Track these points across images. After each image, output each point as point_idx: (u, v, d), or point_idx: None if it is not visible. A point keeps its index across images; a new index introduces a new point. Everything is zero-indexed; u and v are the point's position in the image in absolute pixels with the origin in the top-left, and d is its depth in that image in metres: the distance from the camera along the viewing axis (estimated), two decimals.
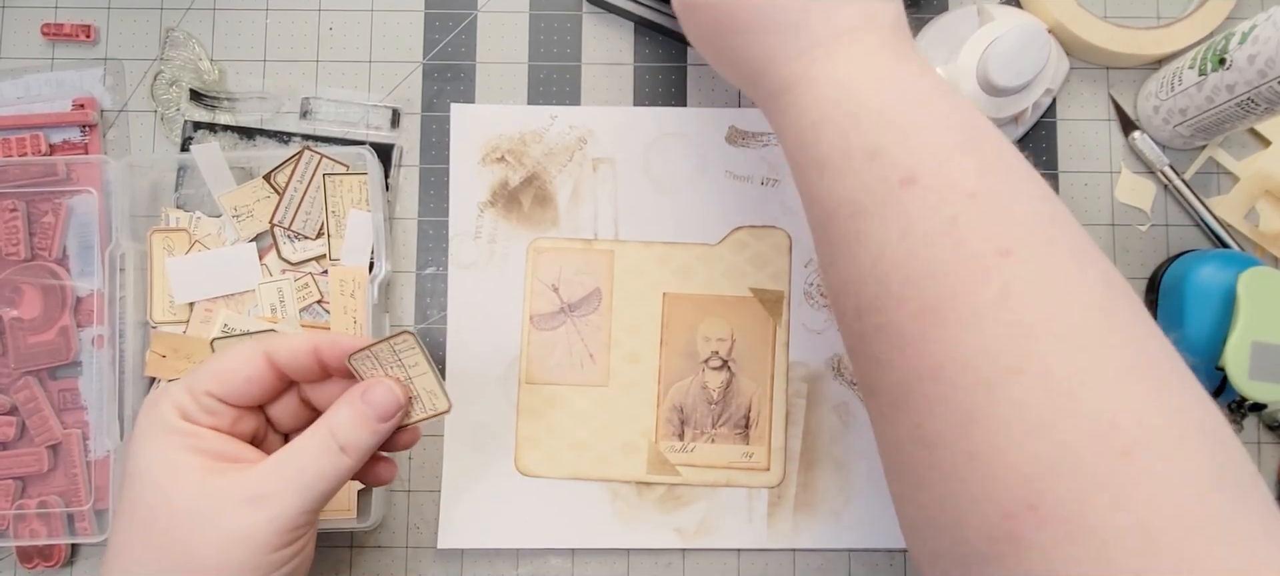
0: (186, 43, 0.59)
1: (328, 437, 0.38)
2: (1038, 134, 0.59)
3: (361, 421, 0.38)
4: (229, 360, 0.38)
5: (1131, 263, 0.58)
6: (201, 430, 0.37)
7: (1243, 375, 0.50)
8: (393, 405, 0.39)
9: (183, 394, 0.38)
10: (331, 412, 0.38)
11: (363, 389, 0.39)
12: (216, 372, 0.38)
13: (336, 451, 0.37)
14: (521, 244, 0.58)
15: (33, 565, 0.56)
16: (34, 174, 0.56)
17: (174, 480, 0.36)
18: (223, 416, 0.38)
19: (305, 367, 0.39)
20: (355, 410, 0.38)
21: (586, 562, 0.56)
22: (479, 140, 0.58)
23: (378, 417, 0.38)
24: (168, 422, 0.37)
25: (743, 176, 0.58)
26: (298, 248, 0.57)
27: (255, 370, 0.38)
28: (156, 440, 0.37)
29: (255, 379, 0.38)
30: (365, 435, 0.38)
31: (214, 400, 0.38)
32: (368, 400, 0.38)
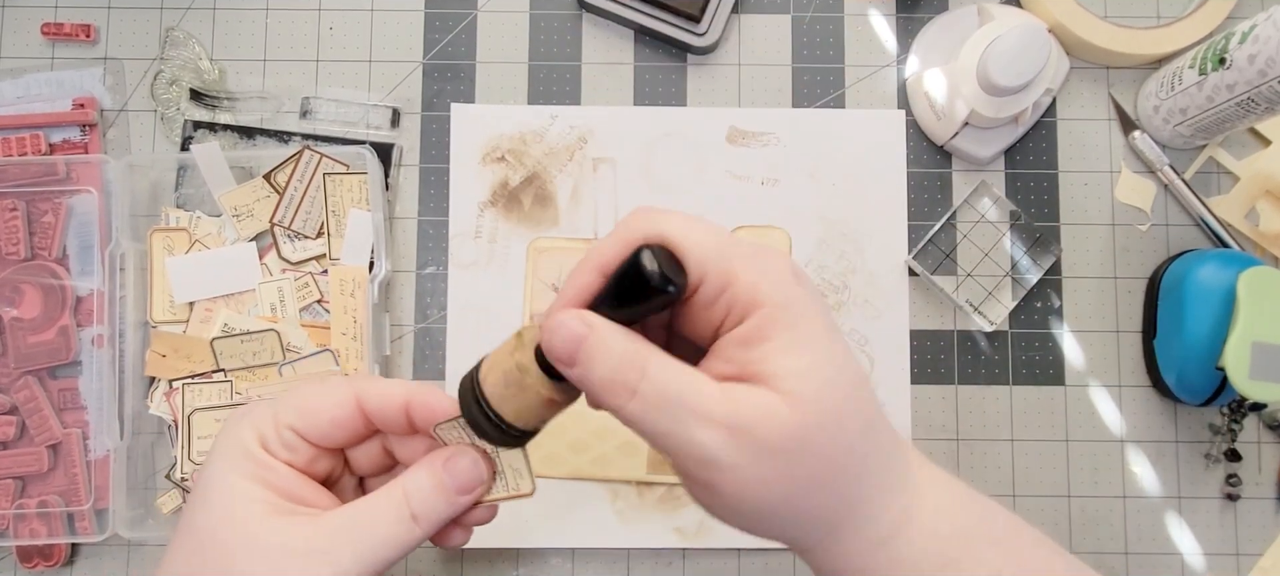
0: (186, 42, 0.59)
1: (401, 503, 0.35)
2: (1038, 133, 0.59)
3: (440, 491, 0.35)
4: (318, 398, 0.36)
5: (1131, 262, 0.58)
6: (277, 464, 0.35)
7: (1243, 375, 0.50)
8: (475, 480, 0.36)
9: (266, 421, 0.36)
10: (409, 475, 0.35)
11: (446, 456, 0.36)
12: (303, 409, 0.36)
13: (408, 519, 0.35)
14: (522, 243, 0.58)
15: (32, 564, 0.56)
16: (34, 173, 0.56)
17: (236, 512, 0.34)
18: (301, 453, 0.36)
19: (394, 421, 0.36)
20: (435, 478, 0.35)
21: (586, 562, 0.56)
22: (479, 140, 0.58)
23: (458, 490, 0.35)
24: (244, 447, 0.35)
25: (743, 176, 0.58)
26: (298, 247, 0.57)
27: (343, 413, 0.36)
28: (230, 464, 0.35)
29: (342, 422, 0.36)
30: (441, 506, 0.35)
31: (295, 436, 0.35)
32: (450, 470, 0.35)
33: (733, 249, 0.31)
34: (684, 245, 0.30)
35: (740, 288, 0.30)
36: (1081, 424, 0.57)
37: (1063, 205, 0.58)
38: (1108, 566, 0.56)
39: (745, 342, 0.31)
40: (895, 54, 0.59)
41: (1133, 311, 0.58)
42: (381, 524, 0.34)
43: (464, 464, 0.36)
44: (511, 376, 0.32)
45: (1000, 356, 0.58)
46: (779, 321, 0.31)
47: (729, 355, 0.32)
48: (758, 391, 0.30)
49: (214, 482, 0.35)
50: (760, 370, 0.31)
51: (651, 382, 0.30)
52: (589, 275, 0.32)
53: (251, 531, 0.34)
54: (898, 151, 0.58)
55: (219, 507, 0.34)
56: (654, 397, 0.30)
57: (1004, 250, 0.58)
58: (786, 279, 0.31)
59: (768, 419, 0.30)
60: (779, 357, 0.30)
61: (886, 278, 0.58)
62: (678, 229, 0.31)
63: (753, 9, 0.60)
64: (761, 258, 0.31)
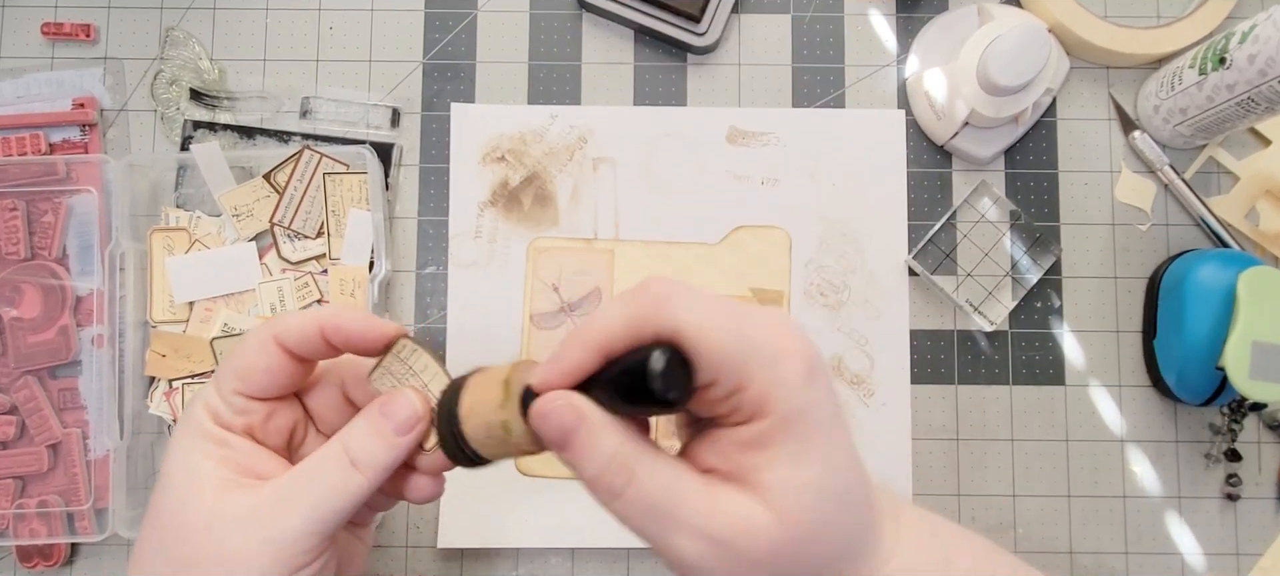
0: (186, 42, 0.59)
1: (340, 453, 0.35)
2: (1038, 133, 0.59)
3: (377, 435, 0.35)
4: (245, 352, 0.36)
5: (1131, 262, 0.58)
6: (233, 437, 0.35)
7: (1243, 375, 0.50)
8: (412, 416, 0.35)
9: (212, 394, 0.36)
10: (348, 426, 0.36)
11: (381, 402, 0.36)
12: (238, 369, 0.36)
13: (347, 466, 0.34)
14: (522, 243, 0.58)
15: (32, 564, 0.56)
16: (34, 173, 0.56)
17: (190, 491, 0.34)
18: (255, 413, 0.36)
19: (315, 348, 0.36)
20: (371, 423, 0.35)
21: (586, 562, 0.56)
22: (479, 140, 0.58)
23: (396, 430, 0.35)
24: (200, 426, 0.35)
25: (743, 176, 0.58)
26: (298, 247, 0.57)
27: (271, 358, 0.35)
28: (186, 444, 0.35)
29: (273, 368, 0.36)
30: (381, 449, 0.35)
31: (241, 398, 0.36)
32: (385, 412, 0.35)
33: (749, 349, 0.29)
34: (698, 347, 0.29)
35: (751, 393, 0.30)
36: (1081, 424, 0.57)
37: (1063, 205, 0.58)
38: (1108, 566, 0.56)
39: (745, 447, 0.30)
40: (895, 54, 0.59)
41: (1133, 311, 0.58)
42: (323, 477, 0.34)
43: (399, 404, 0.35)
44: (495, 431, 0.32)
45: (1000, 356, 0.57)
46: (785, 433, 0.30)
47: (725, 452, 0.31)
48: (745, 501, 0.30)
49: (174, 466, 0.35)
50: (755, 478, 0.30)
51: (638, 488, 0.30)
52: (588, 354, 0.31)
53: (210, 506, 0.34)
54: (898, 151, 0.58)
55: (180, 488, 0.35)
56: (639, 503, 0.31)
57: (1004, 250, 0.58)
58: (799, 385, 0.30)
59: (751, 534, 0.30)
60: (777, 468, 0.30)
61: (886, 277, 0.58)
62: (693, 326, 0.29)
63: (753, 9, 0.60)
64: (777, 362, 0.30)
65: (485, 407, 0.33)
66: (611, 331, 0.30)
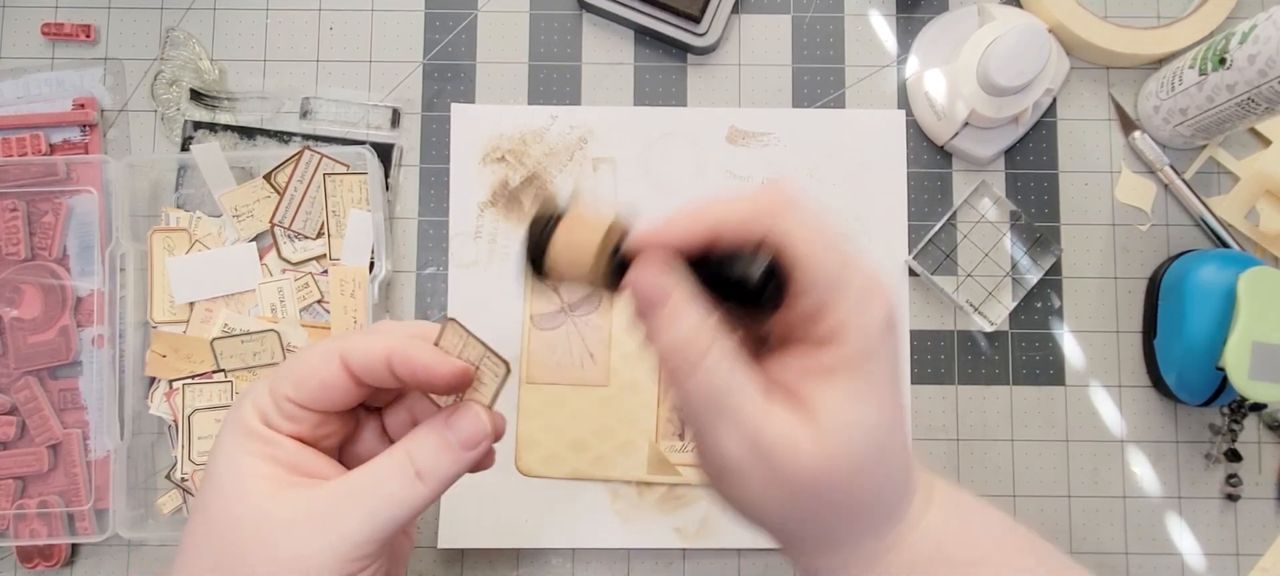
0: (187, 42, 0.59)
1: (405, 463, 0.34)
2: (1038, 133, 0.59)
3: (444, 448, 0.35)
4: (305, 363, 0.35)
5: (1132, 262, 0.58)
6: (281, 438, 0.35)
7: (1243, 375, 0.50)
8: (479, 433, 0.35)
9: (264, 396, 0.35)
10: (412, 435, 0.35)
11: (448, 415, 0.35)
12: (295, 377, 0.35)
13: (412, 477, 0.34)
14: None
15: (33, 564, 0.56)
16: (34, 173, 0.56)
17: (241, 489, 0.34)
18: (304, 421, 0.35)
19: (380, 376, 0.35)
20: (438, 436, 0.35)
21: (587, 562, 0.56)
22: (479, 140, 0.58)
23: (462, 445, 0.35)
24: (247, 426, 0.35)
25: (743, 176, 0.58)
26: (298, 247, 0.57)
27: (330, 374, 0.35)
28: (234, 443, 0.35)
29: (332, 384, 0.35)
30: (446, 462, 0.35)
31: (294, 406, 0.35)
32: (452, 426, 0.35)
33: (846, 277, 0.31)
34: (802, 260, 0.30)
35: (833, 321, 0.30)
36: (1082, 424, 0.57)
37: (1063, 205, 0.58)
38: (1108, 566, 0.56)
39: (810, 372, 0.31)
40: (895, 54, 0.59)
41: (1133, 311, 0.58)
42: (387, 485, 0.34)
43: (465, 420, 0.35)
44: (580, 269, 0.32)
45: (1000, 356, 0.58)
46: (852, 369, 0.31)
47: (790, 372, 0.32)
48: (795, 420, 0.31)
49: (221, 463, 0.35)
50: (812, 403, 0.31)
51: (705, 373, 0.31)
52: (698, 230, 0.31)
53: (260, 505, 0.33)
54: (898, 151, 0.58)
55: (228, 486, 0.34)
56: (701, 389, 0.31)
57: (1004, 250, 0.58)
58: (878, 329, 0.31)
59: (792, 451, 0.30)
60: (834, 399, 0.31)
61: (887, 278, 0.57)
62: (803, 240, 0.30)
63: (753, 9, 0.60)
64: (866, 299, 0.31)
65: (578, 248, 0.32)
66: (727, 217, 0.31)
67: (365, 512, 0.33)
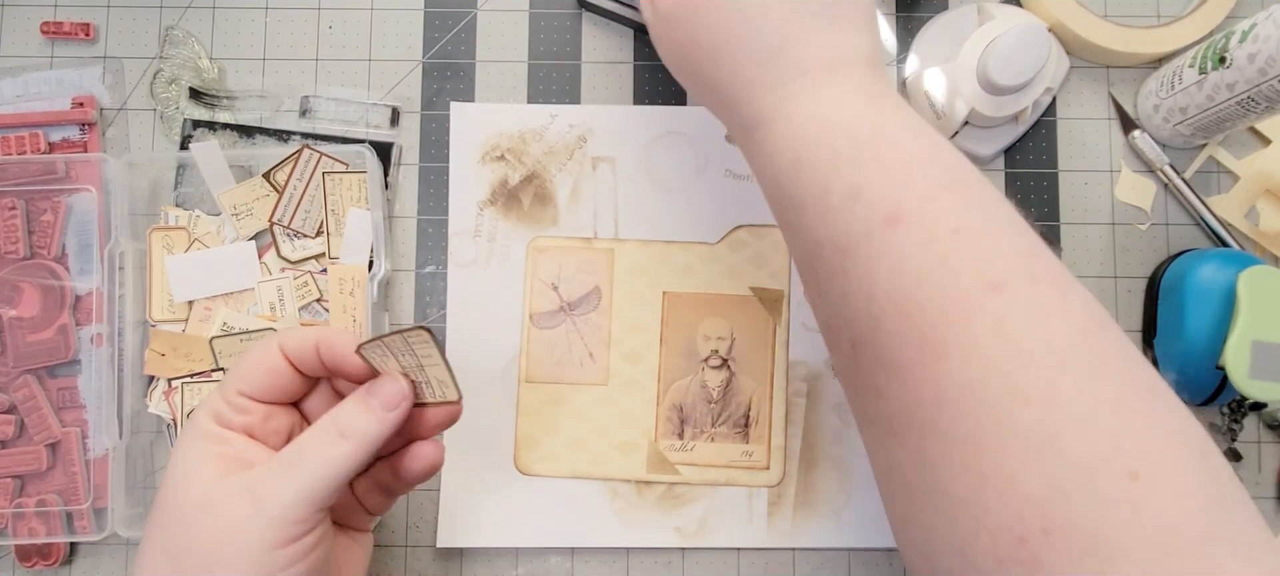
0: (186, 41, 0.58)
1: (329, 425, 0.38)
2: (1038, 133, 0.59)
3: (366, 409, 0.38)
4: (253, 356, 0.40)
5: (1131, 262, 0.58)
6: (231, 435, 0.39)
7: (1243, 374, 0.50)
8: (397, 394, 0.39)
9: (216, 397, 0.39)
10: (339, 405, 0.39)
11: (368, 386, 0.39)
12: (242, 372, 0.39)
13: (336, 437, 0.37)
14: (521, 242, 0.58)
15: (31, 564, 0.56)
16: (33, 172, 0.56)
17: (190, 479, 0.37)
18: (253, 414, 0.39)
19: (310, 361, 0.40)
20: (360, 401, 0.39)
21: (586, 562, 0.56)
22: (479, 138, 0.58)
23: (383, 405, 0.38)
24: (202, 428, 0.38)
25: (743, 175, 0.58)
26: (297, 246, 0.57)
27: (274, 361, 0.39)
28: (189, 445, 0.38)
29: (275, 370, 0.39)
30: (369, 421, 0.38)
31: (243, 398, 0.39)
32: (372, 391, 0.39)
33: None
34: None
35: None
36: None
37: (1063, 204, 0.58)
38: None
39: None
40: (895, 53, 0.59)
41: (1133, 311, 0.58)
42: (313, 448, 0.37)
43: (385, 384, 0.39)
44: None
45: None
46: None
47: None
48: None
49: (175, 462, 0.38)
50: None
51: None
52: None
53: (204, 490, 0.37)
54: None
55: (178, 479, 0.37)
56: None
57: None
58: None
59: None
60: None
61: None
62: None
63: None
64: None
65: None
66: None
67: (297, 479, 0.36)
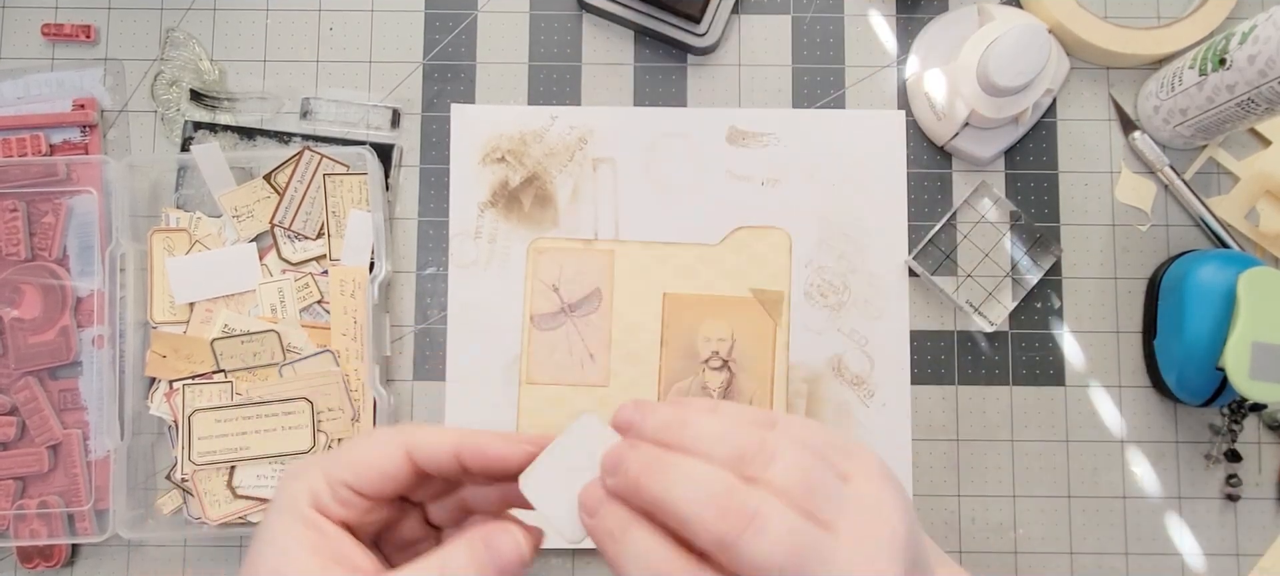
0: (187, 43, 0.59)
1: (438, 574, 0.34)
2: (1038, 134, 0.59)
3: (476, 567, 0.35)
4: (368, 451, 0.36)
5: (1131, 263, 0.58)
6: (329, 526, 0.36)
7: (1243, 375, 0.50)
8: (515, 559, 0.35)
9: (319, 479, 0.36)
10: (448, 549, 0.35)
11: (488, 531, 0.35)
12: (354, 464, 0.36)
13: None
14: (522, 244, 0.58)
15: (33, 565, 0.56)
16: (34, 174, 0.56)
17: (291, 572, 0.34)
18: (356, 507, 0.36)
19: (446, 468, 0.36)
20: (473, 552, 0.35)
21: (586, 562, 0.56)
22: (479, 140, 0.58)
23: (496, 568, 0.35)
24: (298, 511, 0.36)
25: (743, 176, 0.58)
26: (298, 247, 0.57)
27: (392, 465, 0.36)
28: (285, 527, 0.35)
29: (392, 475, 0.36)
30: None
31: (349, 492, 0.36)
32: (490, 547, 0.35)
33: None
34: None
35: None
36: (1081, 424, 0.57)
37: (1063, 205, 0.58)
38: (1108, 566, 0.56)
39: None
40: (895, 54, 0.59)
41: (1133, 311, 0.58)
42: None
43: (505, 542, 0.35)
44: None
45: (1000, 357, 0.57)
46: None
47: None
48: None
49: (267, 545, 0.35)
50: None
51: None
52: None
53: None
54: (898, 152, 0.58)
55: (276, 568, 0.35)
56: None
57: (1004, 250, 0.58)
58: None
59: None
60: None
61: (887, 278, 0.58)
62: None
63: (753, 9, 0.60)
64: None
65: None
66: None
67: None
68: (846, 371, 0.57)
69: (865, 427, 0.57)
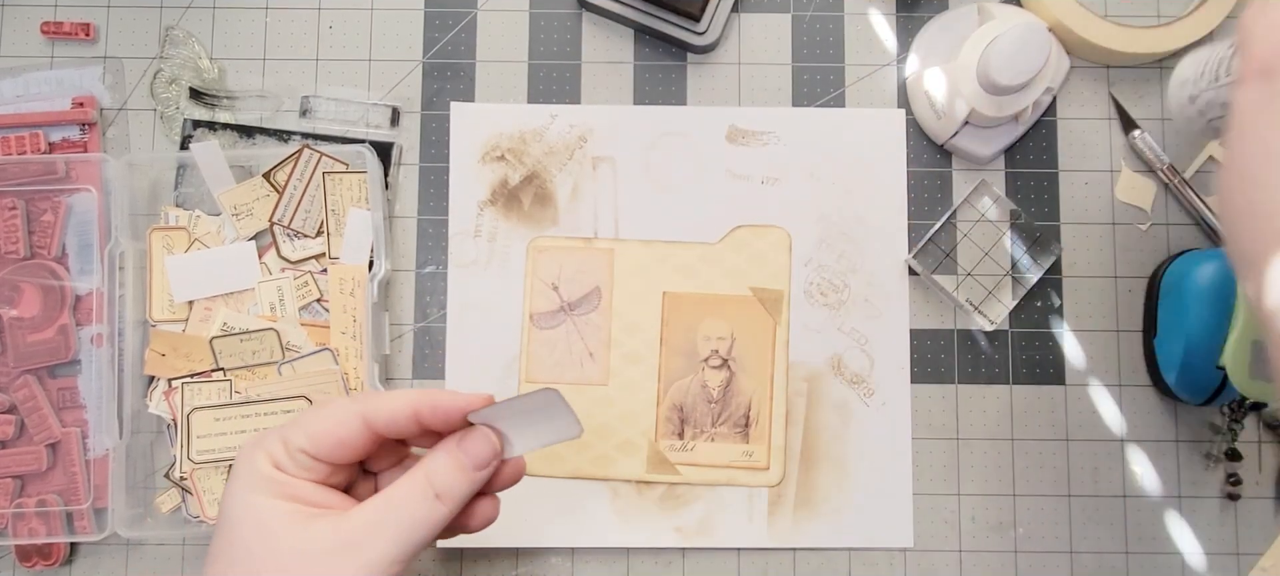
0: (186, 41, 0.58)
1: (424, 486, 0.37)
2: (1038, 132, 0.59)
3: (459, 470, 0.38)
4: (324, 420, 0.38)
5: (1132, 262, 0.58)
6: (293, 480, 0.37)
7: (1243, 374, 0.50)
8: (489, 454, 0.39)
9: (277, 445, 0.38)
10: (429, 459, 0.38)
11: (460, 436, 0.39)
12: (311, 432, 0.38)
13: (432, 499, 0.37)
14: (521, 242, 0.58)
15: (31, 563, 0.56)
16: (33, 172, 0.56)
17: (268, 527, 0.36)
18: (316, 471, 0.38)
19: (406, 430, 0.39)
20: (453, 459, 0.38)
21: (586, 562, 0.56)
22: (479, 138, 0.58)
23: (474, 466, 0.38)
24: (260, 471, 0.37)
25: (742, 175, 0.58)
26: (297, 246, 0.57)
27: (350, 432, 0.38)
28: (250, 488, 0.37)
29: (348, 441, 0.38)
30: (462, 482, 0.38)
31: (306, 457, 0.38)
32: (465, 449, 0.38)
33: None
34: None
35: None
36: (1082, 423, 0.57)
37: (1063, 204, 0.58)
38: (1108, 566, 0.56)
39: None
40: (895, 53, 0.59)
41: (1133, 310, 0.58)
42: (408, 508, 0.37)
43: (477, 441, 0.38)
44: None
45: (1000, 356, 0.57)
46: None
47: None
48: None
49: (236, 507, 0.37)
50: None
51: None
52: None
53: (286, 540, 0.36)
54: (898, 150, 0.58)
55: (247, 527, 0.36)
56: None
57: (1004, 249, 0.58)
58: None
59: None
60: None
61: (886, 277, 0.58)
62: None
63: (753, 8, 0.60)
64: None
65: None
66: None
67: (392, 535, 0.36)
68: (846, 370, 0.57)
69: (865, 426, 0.57)
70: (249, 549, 0.36)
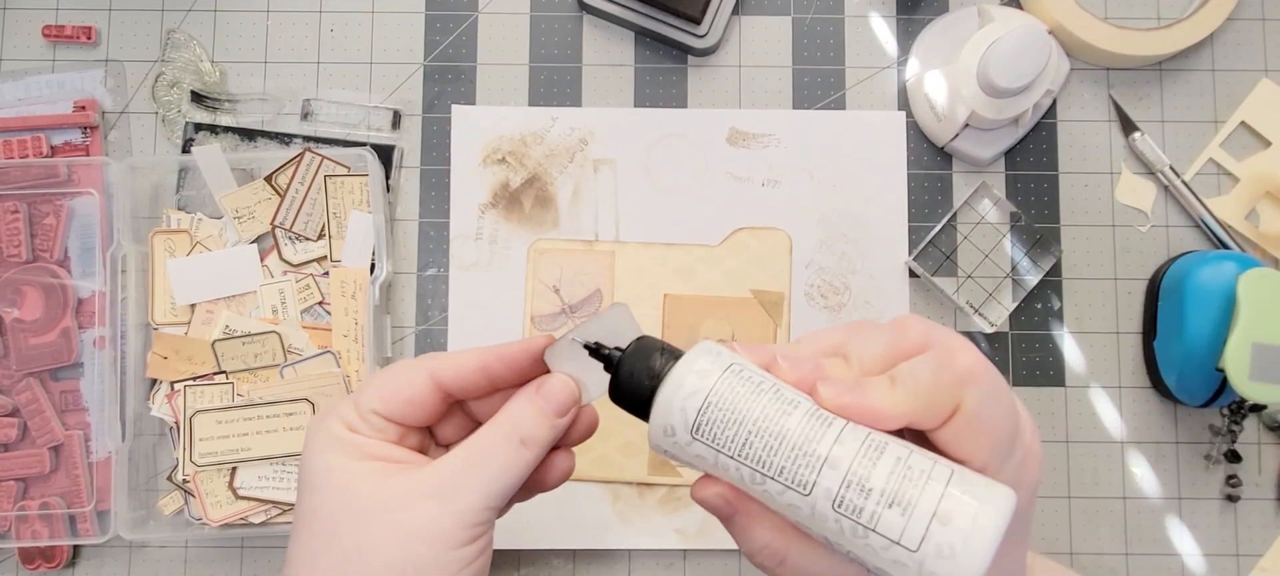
0: (187, 44, 0.59)
1: (509, 429, 0.37)
2: (1038, 135, 0.59)
3: (542, 416, 0.37)
4: (392, 380, 0.38)
5: (1132, 264, 0.58)
6: (369, 439, 0.37)
7: (1243, 376, 0.50)
8: (569, 398, 0.38)
9: (349, 409, 0.38)
10: (511, 406, 0.38)
11: (538, 383, 0.38)
12: (381, 393, 0.38)
13: (517, 444, 0.37)
14: (522, 245, 0.58)
15: (35, 566, 0.56)
16: (35, 176, 0.56)
17: (352, 482, 0.36)
18: (389, 433, 0.38)
19: (475, 386, 0.39)
20: (535, 405, 0.38)
21: (588, 564, 0.56)
22: (480, 141, 0.58)
23: (556, 411, 0.38)
24: (336, 435, 0.37)
25: (743, 177, 0.58)
26: (299, 249, 0.57)
27: (417, 391, 0.38)
28: (328, 451, 0.37)
29: (418, 399, 0.38)
30: (545, 428, 0.37)
31: (380, 419, 0.38)
32: (545, 395, 0.38)
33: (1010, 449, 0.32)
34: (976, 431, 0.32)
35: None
36: (1082, 425, 0.57)
37: (1063, 206, 0.58)
38: (1108, 567, 0.56)
39: None
40: (895, 56, 0.59)
41: (1133, 313, 0.58)
42: (496, 453, 0.37)
43: (556, 386, 0.38)
44: None
45: (1000, 358, 0.58)
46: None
47: None
48: None
49: (316, 473, 0.37)
50: None
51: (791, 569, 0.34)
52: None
53: (371, 494, 0.35)
54: (898, 153, 0.58)
55: (330, 491, 0.36)
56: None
57: (1004, 251, 0.58)
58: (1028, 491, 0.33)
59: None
60: None
61: (887, 279, 0.58)
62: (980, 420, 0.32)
63: (753, 10, 0.60)
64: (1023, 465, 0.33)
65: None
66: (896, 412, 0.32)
67: (481, 483, 0.36)
68: None
69: None
70: (335, 507, 0.35)
